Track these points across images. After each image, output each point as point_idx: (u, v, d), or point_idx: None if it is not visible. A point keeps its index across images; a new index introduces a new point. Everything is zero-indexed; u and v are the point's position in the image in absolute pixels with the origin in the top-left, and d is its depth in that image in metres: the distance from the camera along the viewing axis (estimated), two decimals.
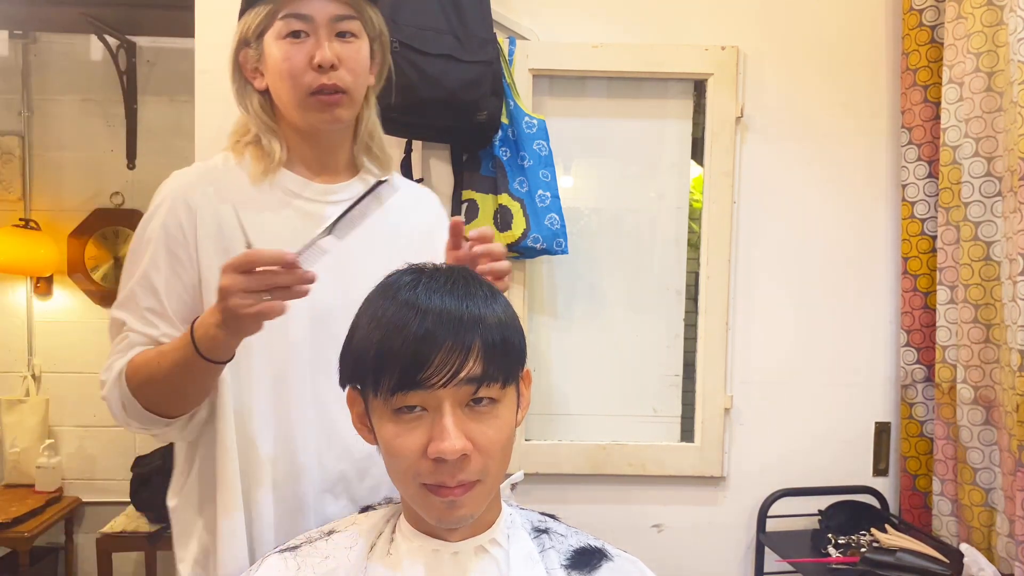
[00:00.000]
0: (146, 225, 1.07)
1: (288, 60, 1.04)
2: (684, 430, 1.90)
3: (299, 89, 1.04)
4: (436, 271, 0.81)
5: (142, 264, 1.04)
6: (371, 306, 0.81)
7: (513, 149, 1.68)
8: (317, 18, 1.03)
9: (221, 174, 1.11)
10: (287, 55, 1.04)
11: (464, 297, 0.78)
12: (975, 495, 1.62)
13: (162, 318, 1.03)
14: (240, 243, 0.95)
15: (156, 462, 2.63)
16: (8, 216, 2.85)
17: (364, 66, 1.09)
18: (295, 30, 1.04)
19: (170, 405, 1.01)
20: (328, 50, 1.03)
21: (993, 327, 1.58)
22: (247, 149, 1.11)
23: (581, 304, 1.86)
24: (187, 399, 1.01)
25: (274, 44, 1.05)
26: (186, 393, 1.00)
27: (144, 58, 2.86)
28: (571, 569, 0.85)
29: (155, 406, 1.01)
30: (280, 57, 1.05)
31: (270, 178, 1.09)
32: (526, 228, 1.66)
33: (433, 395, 0.75)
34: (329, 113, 1.06)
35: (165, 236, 1.05)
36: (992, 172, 1.58)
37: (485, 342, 0.76)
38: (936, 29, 1.72)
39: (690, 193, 1.90)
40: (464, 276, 0.82)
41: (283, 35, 1.04)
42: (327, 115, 1.06)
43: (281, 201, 1.09)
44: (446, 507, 0.77)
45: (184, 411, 1.03)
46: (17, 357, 2.93)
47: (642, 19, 1.81)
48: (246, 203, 1.07)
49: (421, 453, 0.76)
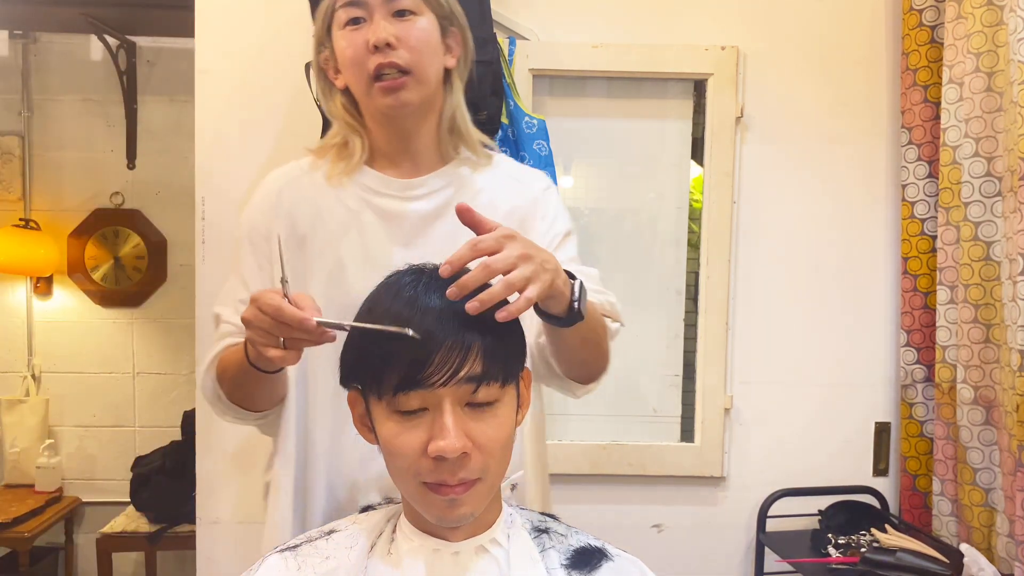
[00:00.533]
0: (241, 223, 1.11)
1: (350, 47, 1.03)
2: (684, 430, 1.90)
3: (363, 75, 1.03)
4: (436, 271, 0.81)
5: (236, 260, 1.09)
6: (371, 306, 0.81)
7: (513, 149, 1.68)
8: (370, 1, 1.02)
9: (305, 175, 1.11)
10: (349, 42, 1.03)
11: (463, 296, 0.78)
12: (975, 495, 1.62)
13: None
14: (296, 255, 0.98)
15: (156, 462, 2.63)
16: (8, 216, 2.85)
17: (427, 43, 1.04)
18: (353, 17, 1.02)
19: (247, 401, 1.04)
20: (382, 30, 1.00)
21: (993, 327, 1.58)
22: (331, 151, 1.11)
23: None
24: (254, 399, 1.03)
25: (338, 35, 1.04)
26: (252, 393, 1.02)
27: (144, 58, 2.86)
28: (571, 569, 0.85)
29: (237, 400, 1.04)
30: (343, 46, 1.04)
31: (351, 177, 1.08)
32: None
33: (433, 394, 0.75)
34: (393, 97, 1.02)
35: (251, 232, 1.08)
36: (992, 172, 1.58)
37: (485, 341, 0.76)
38: (936, 29, 1.72)
39: (690, 193, 1.90)
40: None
41: (343, 24, 1.03)
42: (391, 99, 1.02)
43: (360, 200, 1.07)
44: (447, 505, 0.77)
45: (258, 408, 1.05)
46: (17, 357, 2.93)
47: (642, 19, 1.81)
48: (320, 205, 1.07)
49: (421, 452, 0.76)
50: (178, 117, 2.85)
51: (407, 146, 1.09)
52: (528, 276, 0.78)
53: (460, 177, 1.10)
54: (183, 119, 2.84)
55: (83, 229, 2.90)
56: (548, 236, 1.10)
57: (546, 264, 0.82)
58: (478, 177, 1.11)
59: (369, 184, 1.08)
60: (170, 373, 2.95)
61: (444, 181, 1.09)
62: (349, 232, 1.06)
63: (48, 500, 2.77)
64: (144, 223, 2.91)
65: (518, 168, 1.18)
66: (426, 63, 1.04)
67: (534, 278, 0.79)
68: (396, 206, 1.07)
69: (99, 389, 2.94)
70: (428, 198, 1.08)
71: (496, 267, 0.77)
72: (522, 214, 1.10)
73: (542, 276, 0.80)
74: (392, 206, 1.07)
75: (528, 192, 1.13)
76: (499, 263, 0.77)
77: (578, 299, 0.88)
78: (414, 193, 1.08)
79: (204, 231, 1.76)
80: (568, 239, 1.13)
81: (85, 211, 2.90)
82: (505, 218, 1.06)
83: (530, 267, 0.79)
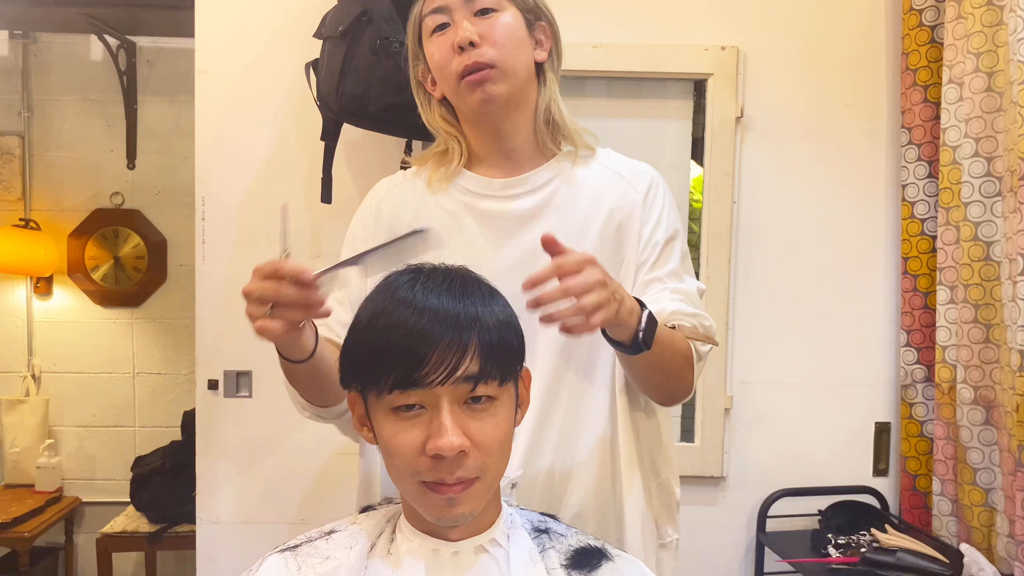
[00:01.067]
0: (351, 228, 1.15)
1: (438, 51, 1.04)
2: (684, 430, 1.90)
3: (451, 77, 1.03)
4: (434, 270, 0.82)
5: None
6: (369, 306, 0.81)
7: None
8: (451, 4, 1.03)
9: (407, 182, 1.13)
10: (437, 47, 1.04)
11: (461, 296, 0.78)
12: (975, 495, 1.62)
13: (342, 304, 1.06)
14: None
15: (156, 462, 2.63)
16: (8, 216, 2.85)
17: (511, 37, 1.04)
18: (439, 24, 1.04)
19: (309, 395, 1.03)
20: (464, 30, 1.01)
21: (993, 327, 1.58)
22: (431, 158, 1.12)
23: None
24: (310, 392, 1.02)
25: (428, 44, 1.06)
26: (300, 384, 1.01)
27: (144, 58, 2.86)
28: (571, 569, 0.85)
29: (306, 396, 1.03)
30: (432, 51, 1.05)
31: (450, 182, 1.09)
32: None
33: (431, 393, 0.75)
34: (481, 91, 1.02)
35: (351, 239, 1.13)
36: (992, 172, 1.58)
37: (482, 340, 0.77)
38: (936, 29, 1.72)
39: (690, 193, 1.90)
40: (462, 275, 0.82)
41: (431, 32, 1.05)
42: (479, 94, 1.02)
43: (459, 203, 1.08)
44: (445, 504, 0.77)
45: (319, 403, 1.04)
46: (17, 357, 2.93)
47: (642, 19, 1.81)
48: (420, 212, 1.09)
49: (419, 450, 0.76)
50: (178, 117, 2.85)
51: (503, 145, 1.09)
52: (598, 303, 0.81)
53: (561, 172, 1.09)
54: (183, 119, 2.84)
55: (83, 229, 2.90)
56: (647, 246, 1.08)
57: (616, 293, 0.85)
58: (580, 171, 1.10)
59: (468, 187, 1.09)
60: (170, 373, 2.95)
61: (545, 178, 1.08)
62: (450, 235, 1.06)
63: (48, 500, 2.77)
64: (144, 223, 2.91)
65: (624, 163, 1.14)
66: (511, 56, 1.03)
67: (604, 305, 0.82)
68: (497, 206, 1.07)
69: (99, 389, 2.94)
70: (529, 196, 1.08)
71: (572, 289, 0.80)
72: (622, 217, 1.08)
73: (610, 305, 0.83)
74: (492, 207, 1.07)
75: (631, 193, 1.10)
76: (576, 287, 0.80)
77: (643, 330, 0.89)
78: (513, 192, 1.08)
79: (204, 231, 1.76)
80: (670, 246, 1.09)
81: (85, 211, 2.90)
82: (607, 216, 1.07)
83: (603, 293, 0.82)
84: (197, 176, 1.76)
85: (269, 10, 1.74)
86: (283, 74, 1.73)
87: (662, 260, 1.08)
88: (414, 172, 1.14)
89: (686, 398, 1.08)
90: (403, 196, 1.12)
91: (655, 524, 1.12)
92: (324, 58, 1.51)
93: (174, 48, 2.85)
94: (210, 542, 1.80)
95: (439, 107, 1.12)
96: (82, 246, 2.89)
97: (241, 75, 1.75)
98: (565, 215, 1.06)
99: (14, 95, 2.87)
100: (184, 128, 2.83)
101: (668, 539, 1.15)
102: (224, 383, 1.78)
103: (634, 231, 1.08)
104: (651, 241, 1.08)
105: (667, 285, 1.06)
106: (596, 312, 0.81)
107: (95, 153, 2.89)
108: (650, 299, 1.03)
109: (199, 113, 1.75)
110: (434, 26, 1.04)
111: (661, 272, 1.07)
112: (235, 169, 1.76)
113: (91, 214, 2.90)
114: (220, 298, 1.77)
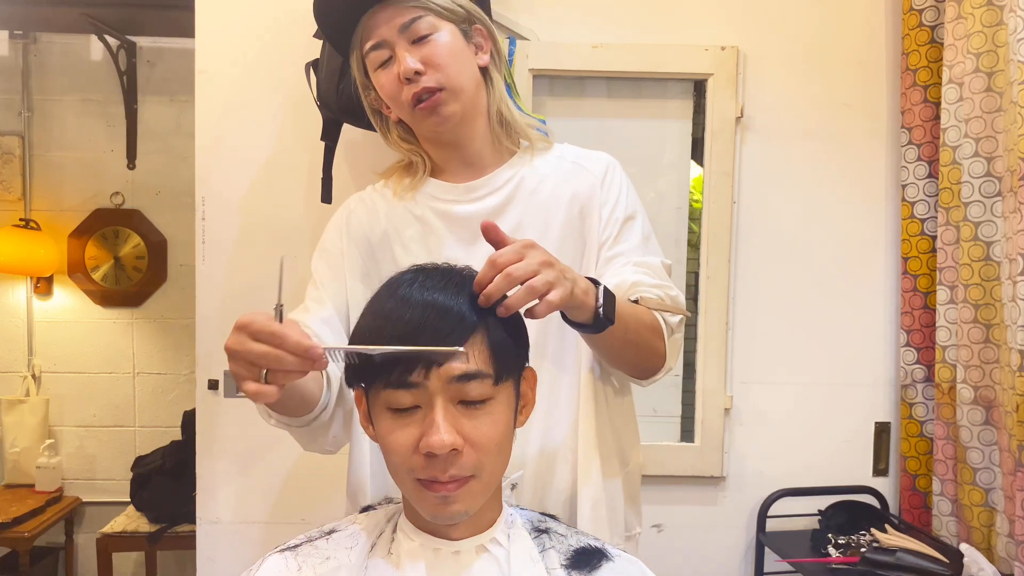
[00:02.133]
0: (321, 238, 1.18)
1: (386, 84, 1.08)
2: (684, 430, 1.90)
3: (403, 107, 1.08)
4: (435, 269, 0.82)
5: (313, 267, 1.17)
6: (373, 304, 0.82)
7: None
8: (388, 37, 1.05)
9: (376, 192, 1.18)
10: (385, 81, 1.08)
11: (457, 294, 0.78)
12: (975, 495, 1.62)
13: (318, 302, 1.11)
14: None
15: (156, 462, 2.63)
16: (8, 216, 2.85)
17: (453, 56, 1.06)
18: (382, 60, 1.07)
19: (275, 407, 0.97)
20: (406, 61, 1.04)
21: (993, 327, 1.58)
22: (396, 170, 1.18)
23: None
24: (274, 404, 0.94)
25: (375, 76, 1.10)
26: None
27: (144, 58, 2.86)
28: (571, 569, 0.85)
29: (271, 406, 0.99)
30: (381, 84, 1.09)
31: (417, 190, 1.14)
32: None
33: (425, 391, 0.76)
34: (436, 116, 1.06)
35: (322, 246, 1.17)
36: (992, 172, 1.58)
37: (476, 339, 0.77)
38: (936, 29, 1.72)
39: (690, 193, 1.90)
40: (463, 273, 0.82)
41: (376, 67, 1.08)
42: (435, 118, 1.06)
43: (427, 208, 1.13)
44: (440, 502, 0.78)
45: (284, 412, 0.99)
46: (17, 357, 2.93)
47: (642, 19, 1.81)
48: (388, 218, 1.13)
49: (414, 448, 0.77)
50: (178, 117, 2.85)
51: (463, 154, 1.13)
52: (551, 281, 0.81)
53: (521, 168, 1.13)
54: (183, 119, 2.84)
55: (83, 229, 2.90)
56: (608, 225, 1.11)
57: (566, 272, 0.84)
58: (539, 165, 1.14)
59: (435, 194, 1.13)
60: (170, 373, 2.95)
61: (506, 176, 1.13)
62: (417, 239, 1.12)
63: (48, 500, 2.77)
64: (144, 223, 2.91)
65: (580, 153, 1.18)
66: (456, 74, 1.06)
67: (556, 283, 0.81)
68: (464, 209, 1.11)
69: (99, 389, 2.94)
70: (493, 195, 1.12)
71: (517, 274, 0.79)
72: (583, 202, 1.12)
73: (563, 283, 0.82)
74: (460, 210, 1.11)
75: (588, 178, 1.13)
76: (520, 270, 0.79)
77: (602, 305, 0.89)
78: (478, 194, 1.12)
79: (204, 231, 1.76)
80: (630, 224, 1.12)
81: (85, 211, 2.90)
82: (569, 203, 1.11)
83: (552, 272, 0.81)
84: (197, 176, 1.76)
85: (269, 10, 1.74)
86: (283, 74, 1.73)
87: (623, 236, 1.11)
88: (383, 184, 1.19)
89: (663, 370, 1.08)
90: (374, 204, 1.16)
91: (623, 516, 1.14)
92: (324, 58, 1.51)
93: (174, 48, 2.85)
94: (210, 542, 1.80)
95: (396, 128, 1.17)
96: (82, 246, 2.89)
97: (241, 75, 1.75)
98: (529, 207, 1.11)
99: (14, 95, 2.87)
100: (184, 128, 2.83)
101: (633, 532, 1.17)
102: (224, 383, 1.78)
103: (595, 213, 1.11)
104: (611, 219, 1.11)
105: (628, 259, 1.08)
106: (551, 291, 0.80)
107: (95, 153, 2.89)
108: (611, 273, 1.06)
109: (199, 113, 1.75)
110: (378, 62, 1.07)
111: (622, 247, 1.10)
112: (235, 169, 1.76)
113: (91, 214, 2.90)
114: (220, 298, 1.77)
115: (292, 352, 0.73)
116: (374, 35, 1.06)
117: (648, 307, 1.03)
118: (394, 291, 0.80)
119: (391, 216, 1.14)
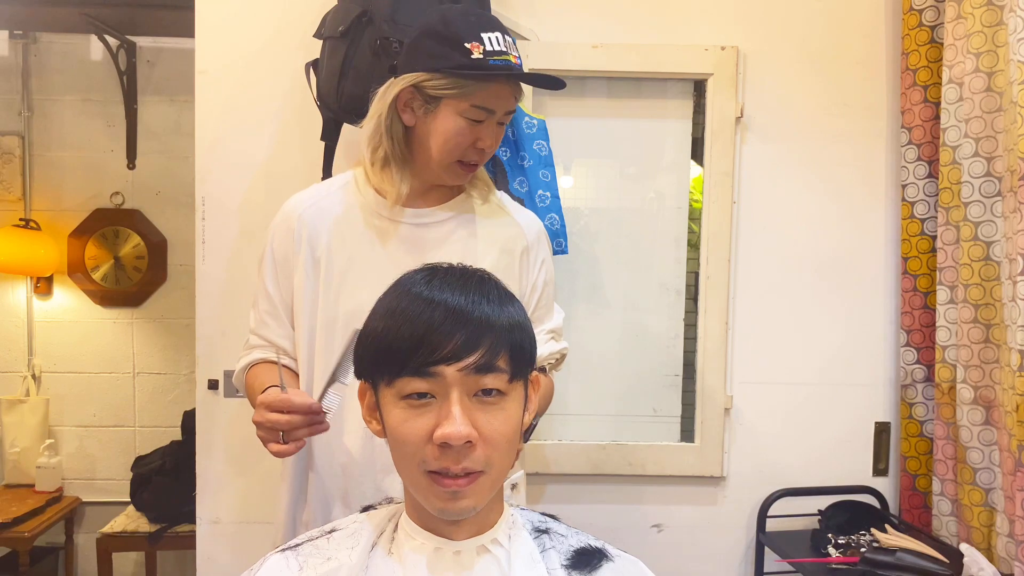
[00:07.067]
0: (265, 243, 1.27)
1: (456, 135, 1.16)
2: (684, 430, 1.90)
3: (451, 153, 1.18)
4: (451, 269, 0.82)
5: (260, 273, 1.27)
6: (384, 301, 0.82)
7: (513, 149, 1.68)
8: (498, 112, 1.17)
9: (327, 202, 1.24)
10: (460, 129, 1.16)
11: (476, 293, 0.79)
12: (975, 495, 1.62)
13: (275, 318, 1.24)
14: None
15: (156, 462, 2.63)
16: (8, 216, 2.85)
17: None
18: (476, 118, 1.16)
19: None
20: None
21: (993, 327, 1.58)
22: (383, 172, 1.22)
23: (581, 304, 1.87)
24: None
25: (452, 117, 1.16)
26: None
27: (144, 58, 2.86)
28: (571, 569, 0.85)
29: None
30: (453, 129, 1.16)
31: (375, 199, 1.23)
32: None
33: (441, 382, 0.76)
34: (466, 176, 1.23)
35: (272, 253, 1.25)
36: (992, 172, 1.58)
37: (496, 337, 0.77)
38: (936, 29, 1.72)
39: (690, 193, 1.90)
40: (480, 276, 0.82)
41: (464, 114, 1.16)
42: (464, 176, 1.23)
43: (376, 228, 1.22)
44: (449, 497, 0.77)
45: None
46: (17, 357, 2.93)
47: (642, 19, 1.81)
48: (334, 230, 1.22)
49: (427, 439, 0.76)
50: (178, 117, 2.85)
51: (426, 187, 1.25)
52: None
53: (464, 208, 1.26)
54: (183, 119, 2.84)
55: (83, 229, 2.90)
56: (534, 289, 1.29)
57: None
58: (480, 208, 1.28)
59: (381, 212, 1.22)
60: (170, 373, 2.94)
61: (449, 213, 1.25)
62: (361, 254, 1.21)
63: (48, 500, 2.77)
64: (144, 223, 2.91)
65: (515, 207, 1.34)
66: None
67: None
68: (409, 232, 1.22)
69: (99, 389, 2.94)
70: (436, 226, 1.24)
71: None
72: (521, 249, 1.27)
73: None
74: (406, 232, 1.22)
75: (525, 235, 1.29)
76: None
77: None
78: (422, 221, 1.23)
79: (204, 231, 1.76)
80: (550, 287, 1.33)
81: (85, 211, 2.90)
82: (503, 247, 1.25)
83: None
84: (197, 176, 1.76)
85: (269, 10, 1.74)
86: (283, 74, 1.73)
87: (543, 301, 1.31)
88: (352, 179, 1.26)
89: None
90: (320, 215, 1.23)
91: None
92: (324, 58, 1.51)
93: (174, 48, 2.85)
94: (210, 542, 1.80)
95: (402, 128, 1.21)
96: (82, 246, 2.89)
97: (241, 75, 1.75)
98: (464, 246, 1.24)
99: (14, 95, 2.87)
100: (184, 128, 2.83)
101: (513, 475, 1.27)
102: (224, 383, 1.78)
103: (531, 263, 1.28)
104: (543, 275, 1.30)
105: (543, 327, 1.29)
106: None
107: (95, 153, 2.89)
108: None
109: (199, 113, 1.75)
110: (472, 115, 1.15)
111: (542, 314, 1.30)
112: (235, 169, 1.76)
113: (91, 214, 2.90)
114: (220, 298, 1.77)
115: (298, 412, 1.04)
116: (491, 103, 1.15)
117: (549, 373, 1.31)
118: (408, 290, 0.79)
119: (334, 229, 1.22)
